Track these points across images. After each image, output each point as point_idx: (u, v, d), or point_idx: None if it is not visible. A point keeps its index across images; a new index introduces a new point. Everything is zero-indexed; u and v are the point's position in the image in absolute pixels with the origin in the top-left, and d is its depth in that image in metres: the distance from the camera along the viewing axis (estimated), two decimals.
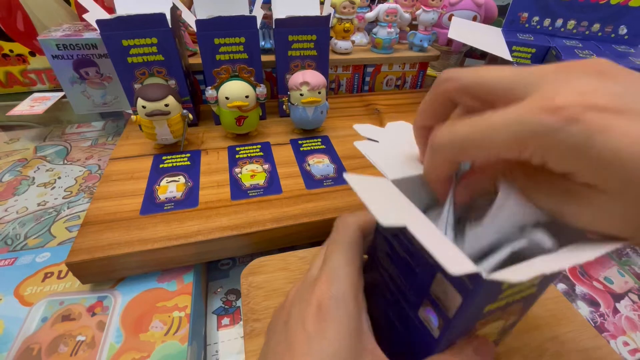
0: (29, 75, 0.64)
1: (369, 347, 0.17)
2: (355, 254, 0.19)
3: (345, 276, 0.17)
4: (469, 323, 0.15)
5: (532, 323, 0.28)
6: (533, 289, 0.16)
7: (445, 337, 0.15)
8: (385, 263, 0.19)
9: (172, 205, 0.35)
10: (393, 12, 0.58)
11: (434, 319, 0.15)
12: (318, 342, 0.15)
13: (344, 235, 0.20)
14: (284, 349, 0.17)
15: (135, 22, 0.39)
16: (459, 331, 0.15)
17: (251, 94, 0.43)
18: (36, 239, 0.39)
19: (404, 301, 0.18)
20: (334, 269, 0.18)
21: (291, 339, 0.16)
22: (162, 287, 0.31)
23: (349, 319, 0.16)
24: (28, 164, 0.50)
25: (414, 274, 0.17)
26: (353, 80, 0.62)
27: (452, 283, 0.14)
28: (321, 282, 0.17)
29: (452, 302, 0.14)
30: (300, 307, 0.17)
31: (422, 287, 0.16)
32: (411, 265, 0.17)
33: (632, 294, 0.37)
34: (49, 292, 0.30)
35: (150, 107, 0.38)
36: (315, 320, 0.16)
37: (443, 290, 0.15)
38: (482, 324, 0.16)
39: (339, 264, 0.18)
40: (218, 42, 0.42)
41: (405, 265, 0.17)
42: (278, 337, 0.18)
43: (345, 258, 0.18)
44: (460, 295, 0.14)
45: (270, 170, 0.41)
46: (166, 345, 0.27)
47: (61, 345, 0.26)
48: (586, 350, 0.26)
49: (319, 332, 0.16)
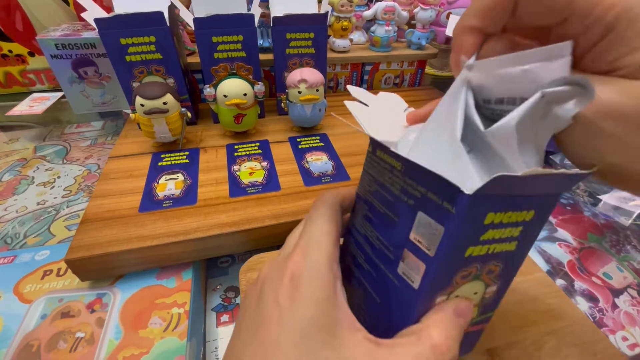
0: (28, 75, 0.64)
1: (344, 317, 0.16)
2: (332, 226, 0.18)
3: (320, 246, 0.17)
4: (450, 269, 0.15)
5: (530, 317, 0.28)
6: (513, 245, 0.16)
7: (426, 284, 0.15)
8: (363, 229, 0.20)
9: (171, 203, 0.35)
10: (391, 10, 0.58)
11: (415, 267, 0.15)
12: (290, 311, 0.15)
13: (321, 209, 0.19)
14: (257, 325, 0.16)
15: (133, 21, 0.39)
16: (440, 279, 0.15)
17: (249, 92, 0.43)
18: (36, 238, 0.39)
19: (384, 263, 0.18)
20: (309, 241, 0.17)
21: (264, 313, 0.16)
22: (161, 284, 0.31)
23: (323, 287, 0.16)
24: (27, 163, 0.50)
25: (393, 226, 0.17)
26: (351, 78, 0.63)
27: (433, 215, 0.14)
28: (295, 255, 0.17)
29: (434, 238, 0.14)
30: (273, 281, 0.17)
31: (403, 236, 0.16)
32: (390, 217, 0.17)
33: (631, 289, 0.37)
34: (48, 289, 0.30)
35: (148, 105, 0.38)
36: (288, 291, 0.16)
37: (424, 229, 0.15)
38: (462, 278, 0.16)
39: (313, 236, 0.18)
40: (216, 41, 0.42)
41: (384, 220, 0.17)
42: (250, 314, 0.17)
43: (321, 230, 0.18)
44: (442, 226, 0.14)
45: (269, 168, 0.41)
46: (165, 341, 0.27)
47: (60, 341, 0.27)
48: (585, 344, 0.26)
49: (291, 301, 0.15)
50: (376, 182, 0.18)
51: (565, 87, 0.12)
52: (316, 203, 0.20)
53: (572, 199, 0.49)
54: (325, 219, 0.19)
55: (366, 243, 0.19)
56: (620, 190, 0.18)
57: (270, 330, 0.15)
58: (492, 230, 0.14)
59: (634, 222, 0.45)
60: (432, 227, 0.14)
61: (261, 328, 0.15)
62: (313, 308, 0.15)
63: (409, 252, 0.16)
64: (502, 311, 0.28)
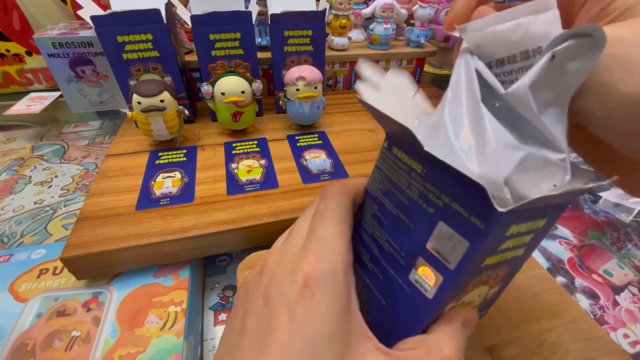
0: (25, 74, 0.64)
1: (358, 328, 0.15)
2: (344, 226, 0.17)
3: (335, 250, 0.16)
4: (465, 280, 0.14)
5: (531, 314, 0.28)
6: (522, 251, 0.15)
7: (441, 296, 0.14)
8: (370, 229, 0.18)
9: (168, 201, 0.35)
10: (389, 8, 0.58)
11: (431, 277, 0.14)
12: (304, 322, 0.14)
13: (335, 204, 0.18)
14: (264, 328, 0.15)
15: (130, 18, 0.39)
16: (454, 289, 0.15)
17: (247, 90, 0.43)
18: (32, 237, 0.38)
19: (393, 267, 0.17)
20: (324, 242, 0.16)
21: (272, 318, 0.15)
22: (158, 282, 0.31)
23: (339, 297, 0.15)
24: (25, 163, 0.50)
25: (407, 231, 0.16)
26: (350, 76, 0.62)
27: (458, 228, 0.13)
28: (309, 255, 0.15)
29: (455, 251, 0.13)
30: (283, 282, 0.16)
31: (418, 244, 0.15)
32: (404, 221, 0.16)
33: (631, 286, 0.37)
34: (44, 288, 0.30)
35: (145, 102, 0.38)
36: (300, 297, 0.14)
37: (444, 240, 0.14)
38: (473, 286, 0.15)
39: (328, 236, 0.16)
40: (213, 38, 0.42)
41: (396, 223, 0.16)
42: (256, 314, 0.16)
43: (336, 230, 0.16)
44: (467, 240, 0.13)
45: (267, 166, 0.41)
46: (162, 340, 0.27)
47: (56, 340, 0.26)
48: (585, 341, 0.26)
49: (305, 310, 0.14)
50: (389, 182, 0.17)
51: (573, 40, 0.12)
52: (328, 194, 0.18)
53: None
54: (338, 218, 0.17)
55: (373, 243, 0.18)
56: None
57: (281, 338, 0.14)
58: (509, 240, 0.14)
59: (634, 219, 0.45)
60: (454, 240, 0.13)
61: (269, 333, 0.14)
62: (328, 321, 0.14)
63: (424, 261, 0.15)
64: (502, 308, 0.28)
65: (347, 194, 0.18)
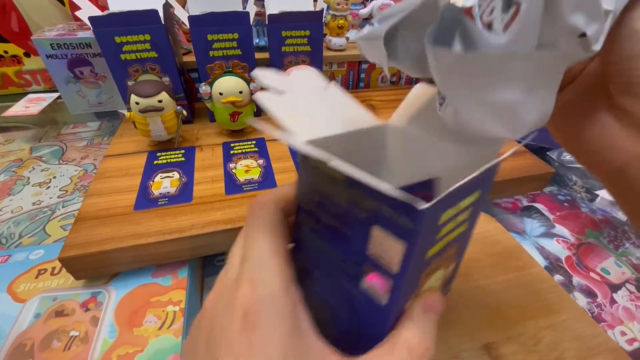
0: (24, 76, 0.64)
1: (313, 345, 0.14)
2: (279, 240, 0.15)
3: (271, 270, 0.14)
4: (415, 276, 0.14)
5: (528, 312, 0.28)
6: (464, 226, 0.15)
7: (394, 300, 0.14)
8: (313, 243, 0.17)
9: (166, 201, 0.35)
10: (387, 8, 0.58)
11: (379, 283, 0.14)
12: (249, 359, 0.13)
13: (262, 218, 0.16)
14: None
15: (128, 19, 0.39)
16: (406, 289, 0.14)
17: (245, 90, 0.43)
18: (31, 238, 0.38)
19: (343, 278, 0.16)
20: (257, 264, 0.15)
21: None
22: (157, 282, 0.31)
23: (283, 319, 0.14)
24: (23, 164, 0.50)
25: (347, 241, 0.15)
26: (348, 76, 0.62)
27: (391, 230, 0.13)
28: (243, 285, 0.14)
29: (394, 254, 0.13)
30: (222, 322, 0.14)
31: (359, 251, 0.14)
32: (341, 231, 0.15)
33: (629, 284, 0.37)
34: (42, 288, 0.30)
35: (143, 103, 0.38)
36: (242, 333, 0.13)
37: (382, 245, 0.13)
38: (426, 276, 0.15)
39: (261, 257, 0.15)
40: (211, 38, 0.42)
41: (335, 234, 0.15)
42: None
43: (269, 247, 0.15)
44: (403, 241, 0.12)
45: (265, 166, 0.41)
46: (160, 339, 0.27)
47: (54, 340, 0.26)
48: (583, 338, 0.26)
49: (250, 346, 0.13)
50: (318, 193, 0.16)
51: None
52: (251, 213, 0.16)
53: (569, 195, 0.49)
54: (267, 233, 0.15)
55: (319, 255, 0.17)
56: None
57: None
58: (446, 226, 0.14)
59: None
60: (391, 244, 0.13)
61: None
62: (277, 350, 0.13)
63: (370, 268, 0.14)
64: (500, 306, 0.28)
65: (274, 204, 0.17)
